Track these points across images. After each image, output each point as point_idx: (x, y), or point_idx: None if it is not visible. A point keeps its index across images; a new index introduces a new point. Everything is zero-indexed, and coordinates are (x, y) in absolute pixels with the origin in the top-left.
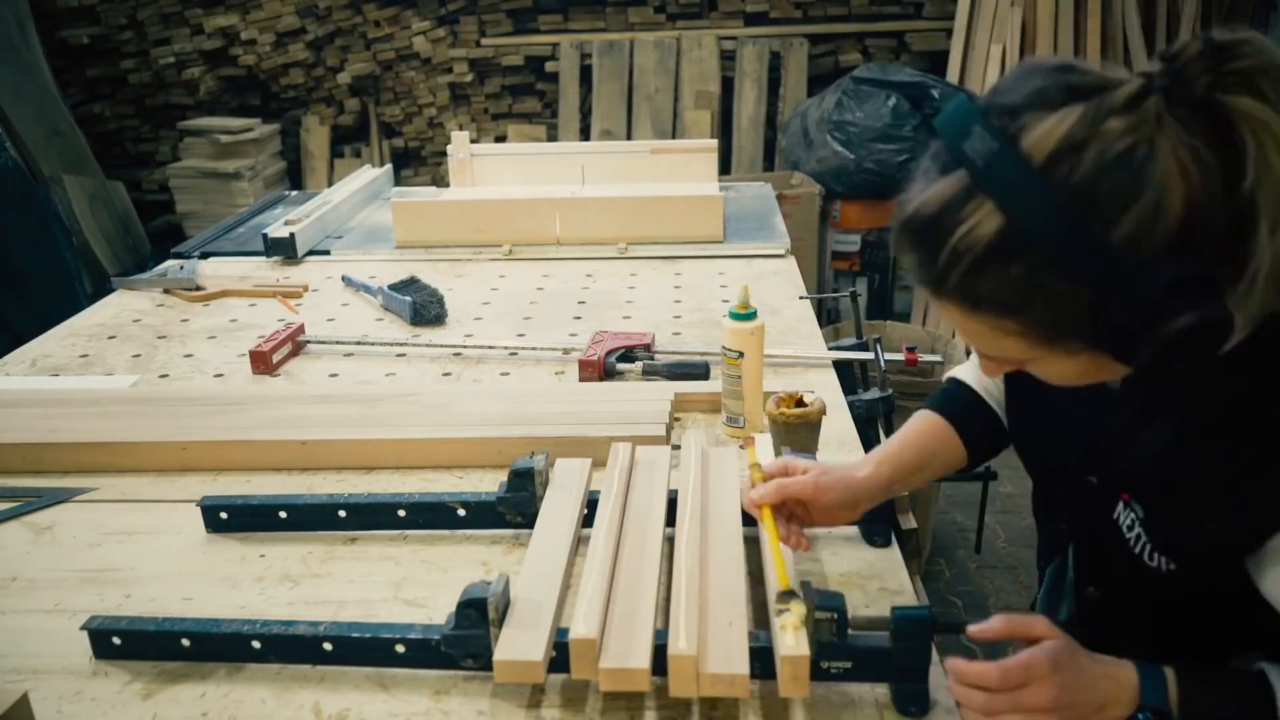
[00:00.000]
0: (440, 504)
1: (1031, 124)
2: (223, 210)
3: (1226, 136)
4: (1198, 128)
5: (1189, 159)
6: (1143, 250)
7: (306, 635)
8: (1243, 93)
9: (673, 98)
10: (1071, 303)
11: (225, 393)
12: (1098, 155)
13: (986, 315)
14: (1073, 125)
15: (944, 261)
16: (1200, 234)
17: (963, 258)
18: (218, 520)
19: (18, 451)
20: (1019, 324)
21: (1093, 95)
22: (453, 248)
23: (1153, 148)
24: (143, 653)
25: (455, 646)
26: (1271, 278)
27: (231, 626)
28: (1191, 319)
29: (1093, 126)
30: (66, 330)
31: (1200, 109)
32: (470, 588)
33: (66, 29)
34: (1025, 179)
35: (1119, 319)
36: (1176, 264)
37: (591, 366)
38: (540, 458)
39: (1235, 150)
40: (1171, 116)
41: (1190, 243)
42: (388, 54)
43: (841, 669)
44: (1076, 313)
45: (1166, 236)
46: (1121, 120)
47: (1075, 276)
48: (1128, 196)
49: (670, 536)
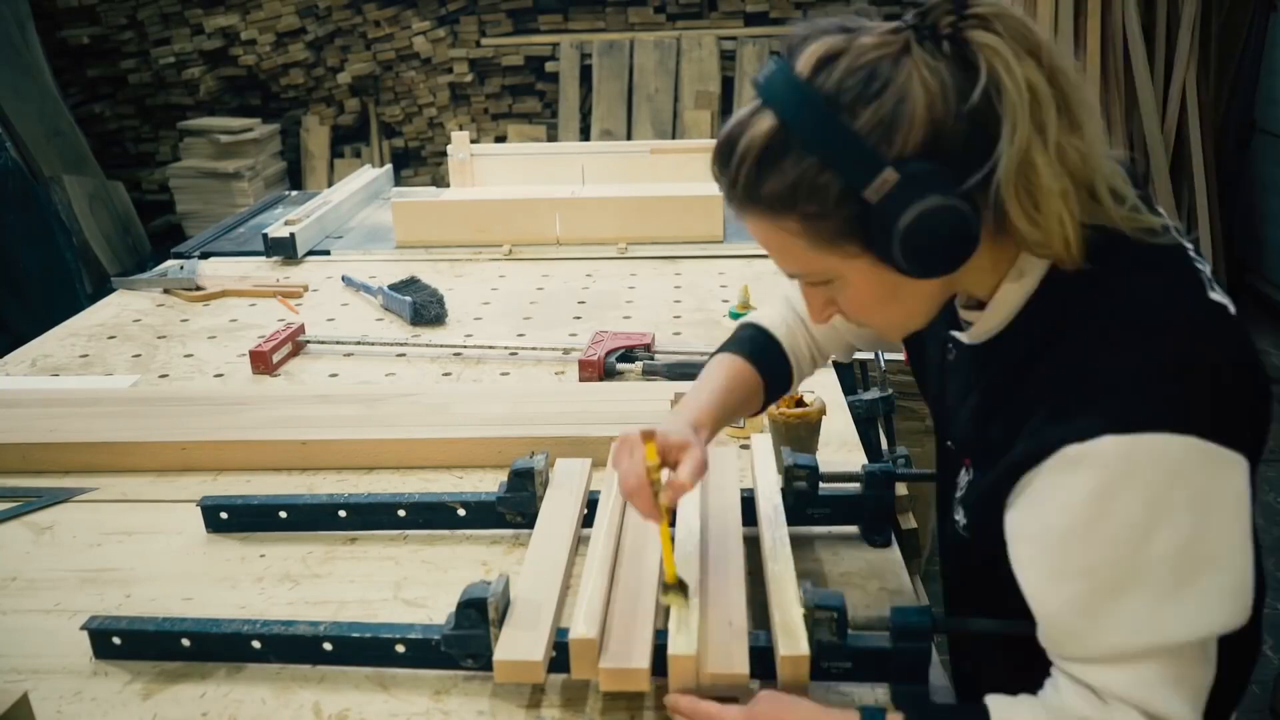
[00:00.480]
0: (440, 504)
1: (804, 46)
2: (223, 210)
3: (969, 62)
4: (941, 56)
5: (929, 75)
6: (890, 148)
7: (306, 635)
8: (980, 29)
9: (673, 98)
10: (830, 190)
11: (225, 393)
12: (848, 64)
13: (770, 216)
14: (833, 43)
15: (734, 167)
16: (945, 140)
17: (745, 159)
18: (218, 520)
19: (18, 451)
20: (796, 222)
21: (857, 31)
22: (453, 248)
23: (896, 63)
24: (143, 652)
25: (455, 646)
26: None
27: (231, 626)
28: (925, 204)
29: (848, 43)
30: (66, 330)
31: (943, 43)
32: (470, 588)
33: (66, 29)
34: (790, 84)
35: (872, 200)
36: (916, 161)
37: (591, 366)
38: (540, 458)
39: (975, 72)
40: (919, 46)
41: (936, 148)
42: (388, 54)
43: (841, 669)
44: (836, 200)
45: (913, 141)
46: (873, 39)
47: (829, 162)
48: (869, 94)
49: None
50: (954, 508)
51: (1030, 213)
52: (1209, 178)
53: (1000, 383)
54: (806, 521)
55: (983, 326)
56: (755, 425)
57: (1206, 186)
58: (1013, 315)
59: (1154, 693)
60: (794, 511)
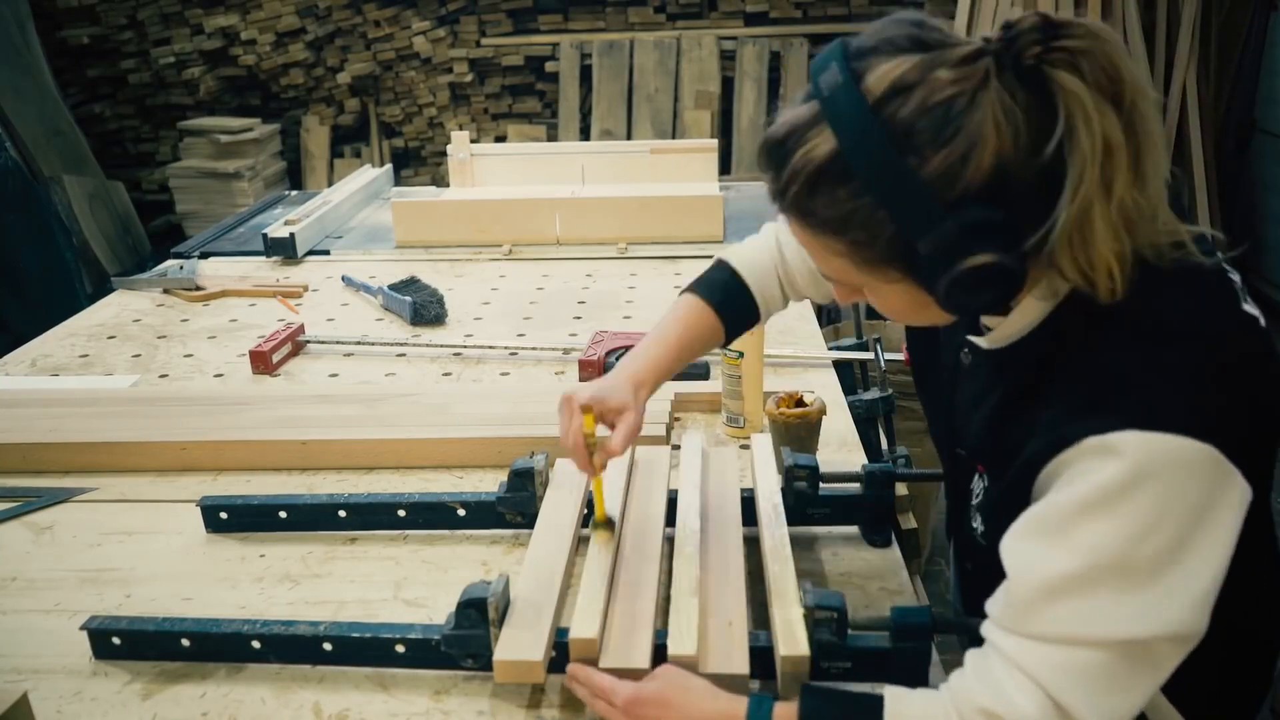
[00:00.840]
0: (440, 504)
1: (875, 65)
2: (223, 210)
3: (1047, 105)
4: (1021, 92)
5: (1004, 118)
6: (951, 191)
7: (306, 635)
8: (1065, 68)
9: (673, 98)
10: (883, 229)
11: (225, 393)
12: (922, 99)
13: (817, 233)
14: (907, 69)
15: (785, 178)
16: (1009, 188)
17: (798, 176)
18: (218, 520)
19: (18, 451)
20: (843, 245)
21: (934, 49)
22: (453, 248)
23: (973, 101)
24: (142, 653)
25: (455, 646)
26: (1066, 238)
27: (231, 626)
28: (981, 259)
29: (924, 73)
30: (66, 330)
31: (1026, 77)
32: (470, 588)
33: (66, 29)
34: (857, 110)
35: (924, 250)
36: (978, 208)
37: (592, 366)
38: (540, 457)
39: (1052, 118)
40: (997, 79)
41: (999, 195)
42: (388, 54)
43: (841, 669)
44: (888, 239)
45: (976, 184)
46: (950, 73)
47: (887, 203)
48: (941, 138)
49: (670, 536)
50: (971, 515)
51: (1080, 264)
52: (1209, 178)
53: (1019, 388)
54: (807, 521)
55: (1004, 332)
56: (755, 425)
57: (1206, 186)
58: (1037, 322)
59: (1070, 682)
60: (794, 511)
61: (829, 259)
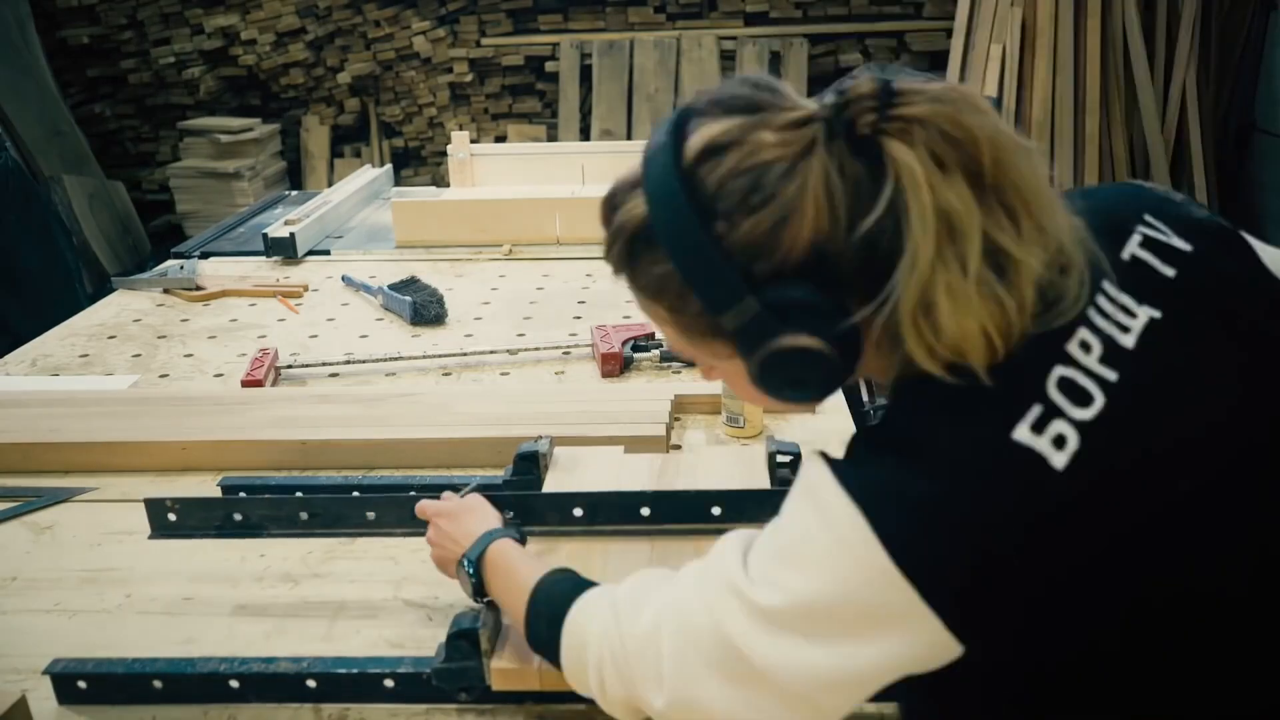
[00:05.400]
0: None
1: (700, 126)
2: (223, 210)
3: (879, 178)
4: (851, 163)
5: (825, 190)
6: (764, 263)
7: (289, 673)
8: (898, 137)
9: (673, 98)
10: (689, 303)
11: (225, 393)
12: (736, 161)
13: (640, 296)
14: (728, 129)
15: (609, 237)
16: (829, 266)
17: (619, 236)
18: None
19: (18, 451)
20: (664, 312)
21: (764, 111)
22: (453, 248)
23: (793, 169)
24: (110, 697)
25: (446, 681)
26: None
27: (207, 666)
28: (791, 342)
29: (744, 134)
30: (66, 330)
31: (859, 147)
32: (459, 617)
33: (66, 29)
34: (667, 174)
35: (728, 327)
36: (789, 286)
37: (614, 359)
38: (545, 441)
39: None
40: (825, 148)
41: (816, 272)
42: (388, 54)
43: None
44: (698, 312)
45: (793, 259)
46: (774, 135)
47: (685, 272)
48: (749, 204)
49: None
50: None
51: (931, 345)
52: (1209, 178)
53: None
54: None
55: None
56: (755, 425)
57: (1206, 186)
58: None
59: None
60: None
61: (660, 327)
